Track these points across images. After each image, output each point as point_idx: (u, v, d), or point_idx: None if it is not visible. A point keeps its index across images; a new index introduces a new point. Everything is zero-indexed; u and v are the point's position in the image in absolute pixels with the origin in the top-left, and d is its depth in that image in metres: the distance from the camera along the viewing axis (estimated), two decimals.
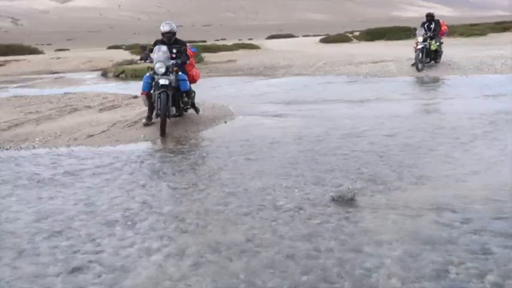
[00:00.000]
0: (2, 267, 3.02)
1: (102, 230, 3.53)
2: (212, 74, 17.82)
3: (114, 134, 6.91)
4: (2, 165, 5.41)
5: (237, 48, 34.35)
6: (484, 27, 35.93)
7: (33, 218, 3.81)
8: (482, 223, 3.36)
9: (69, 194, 4.38)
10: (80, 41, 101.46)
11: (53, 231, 3.55)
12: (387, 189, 4.15)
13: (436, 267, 2.79)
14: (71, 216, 3.82)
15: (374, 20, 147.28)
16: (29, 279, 2.86)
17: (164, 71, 6.69)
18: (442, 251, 2.98)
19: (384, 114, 7.61)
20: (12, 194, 4.45)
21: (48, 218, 3.79)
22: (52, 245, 3.31)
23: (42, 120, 8.04)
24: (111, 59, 25.63)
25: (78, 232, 3.52)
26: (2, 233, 3.54)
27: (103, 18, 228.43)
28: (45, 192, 4.47)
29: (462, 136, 5.92)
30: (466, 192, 4.00)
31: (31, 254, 3.19)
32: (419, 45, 13.14)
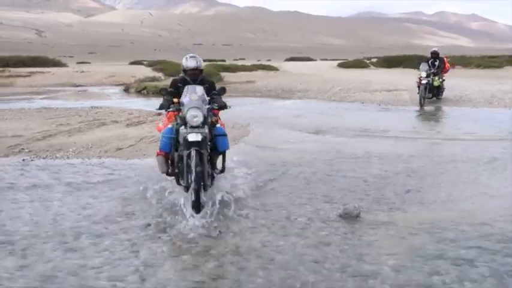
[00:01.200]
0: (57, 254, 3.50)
1: (134, 231, 3.99)
2: (231, 94, 18.42)
3: (141, 148, 7.44)
4: (42, 173, 5.94)
5: (256, 68, 35.11)
6: (502, 60, 36.15)
7: (75, 219, 4.30)
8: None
9: (105, 200, 4.87)
10: (101, 55, 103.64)
11: (95, 229, 4.02)
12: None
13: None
14: (108, 216, 4.29)
15: (392, 47, 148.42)
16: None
17: (202, 122, 4.54)
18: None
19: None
20: (54, 198, 4.95)
21: (89, 218, 4.28)
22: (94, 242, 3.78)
23: (73, 132, 8.63)
24: (133, 75, 26.50)
25: (117, 233, 3.99)
26: (52, 230, 4.03)
27: (125, 34, 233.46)
28: (83, 197, 4.97)
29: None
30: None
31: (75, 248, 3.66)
32: (423, 81, 13.17)
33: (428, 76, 13.33)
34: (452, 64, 14.84)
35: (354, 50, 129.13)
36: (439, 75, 13.87)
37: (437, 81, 13.78)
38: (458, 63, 35.08)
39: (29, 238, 3.88)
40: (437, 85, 13.85)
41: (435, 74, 13.67)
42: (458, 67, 33.68)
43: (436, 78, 13.68)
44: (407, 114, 12.06)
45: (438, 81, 13.81)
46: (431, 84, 13.48)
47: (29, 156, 6.86)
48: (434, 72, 13.64)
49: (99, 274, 3.29)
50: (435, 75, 13.67)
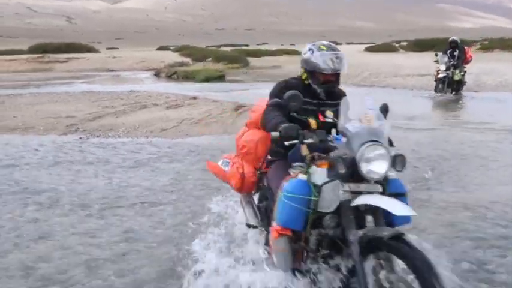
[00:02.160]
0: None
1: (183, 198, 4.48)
2: (259, 79, 18.83)
3: (183, 129, 7.96)
4: (100, 150, 6.52)
5: (281, 53, 35.35)
6: None
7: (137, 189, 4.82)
8: None
9: (160, 173, 5.38)
10: (128, 41, 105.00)
11: (151, 196, 4.53)
12: None
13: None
14: (163, 188, 4.80)
15: (424, 29, 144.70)
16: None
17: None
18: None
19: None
20: (114, 171, 5.50)
21: (150, 189, 4.80)
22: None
23: (119, 114, 9.23)
24: (162, 60, 27.22)
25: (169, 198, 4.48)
26: (119, 198, 4.56)
27: (150, 20, 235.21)
28: (140, 171, 5.49)
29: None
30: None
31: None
32: (441, 74, 12.00)
33: (448, 69, 12.02)
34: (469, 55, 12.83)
35: (382, 34, 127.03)
36: (460, 68, 12.25)
37: (458, 74, 12.13)
38: (496, 46, 34.27)
39: (103, 204, 4.42)
40: (458, 79, 12.21)
41: (455, 67, 12.11)
42: (497, 50, 32.92)
43: (456, 72, 12.08)
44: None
45: (459, 74, 12.16)
46: (451, 78, 12.07)
47: (85, 135, 7.48)
48: (455, 65, 12.10)
49: (169, 230, 3.78)
50: (455, 68, 12.11)
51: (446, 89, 12.09)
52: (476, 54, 31.00)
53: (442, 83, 12.01)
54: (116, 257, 3.33)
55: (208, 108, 9.63)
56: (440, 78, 12.00)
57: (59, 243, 3.59)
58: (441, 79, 11.98)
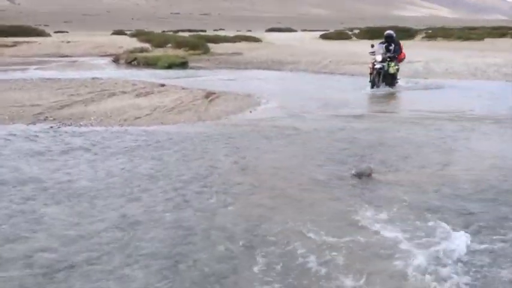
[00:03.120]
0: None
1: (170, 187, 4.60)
2: (222, 66, 18.85)
3: (157, 117, 7.96)
4: (76, 139, 6.44)
5: (239, 40, 35.18)
6: (482, 32, 37.01)
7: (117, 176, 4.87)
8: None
9: (144, 161, 5.43)
10: (78, 24, 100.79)
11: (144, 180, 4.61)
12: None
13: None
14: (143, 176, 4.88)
15: (373, 17, 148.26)
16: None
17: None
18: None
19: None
20: (96, 160, 5.49)
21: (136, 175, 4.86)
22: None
23: (88, 102, 9.04)
24: (120, 46, 26.48)
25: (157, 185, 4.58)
26: (108, 184, 4.59)
27: (100, 2, 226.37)
28: (119, 160, 5.51)
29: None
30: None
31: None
32: (377, 65, 11.50)
33: (384, 61, 11.54)
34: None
35: (334, 21, 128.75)
36: (395, 62, 11.84)
37: (394, 67, 11.76)
38: (439, 35, 36.03)
39: (93, 191, 4.45)
40: (393, 72, 11.86)
41: (391, 59, 11.71)
42: (439, 39, 34.63)
43: (392, 64, 11.68)
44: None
45: (394, 67, 11.78)
46: (386, 70, 11.66)
47: (55, 124, 7.31)
48: (391, 57, 11.69)
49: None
50: (391, 61, 11.71)
51: (381, 82, 11.68)
52: (422, 42, 32.79)
53: (378, 75, 11.53)
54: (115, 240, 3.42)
55: (179, 96, 9.63)
56: (377, 70, 11.50)
57: (55, 232, 3.63)
58: (377, 71, 11.49)
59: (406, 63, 16.53)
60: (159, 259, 3.23)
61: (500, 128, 7.36)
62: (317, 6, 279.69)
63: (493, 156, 5.76)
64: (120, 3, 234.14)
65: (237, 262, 3.21)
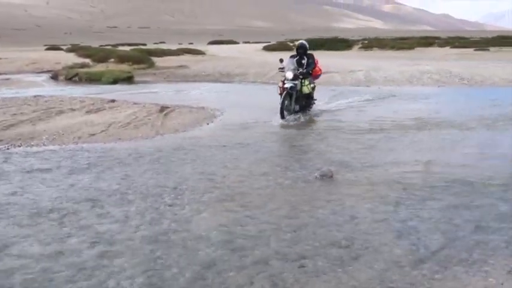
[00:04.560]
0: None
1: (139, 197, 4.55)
2: (170, 80, 18.66)
3: (113, 133, 7.78)
4: (31, 159, 6.16)
5: (182, 53, 35.03)
6: (412, 42, 39.46)
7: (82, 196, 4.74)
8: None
9: (103, 179, 5.30)
10: (6, 39, 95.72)
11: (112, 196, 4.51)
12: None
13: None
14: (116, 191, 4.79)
15: (313, 29, 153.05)
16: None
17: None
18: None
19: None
20: (56, 179, 5.28)
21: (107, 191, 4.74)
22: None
23: (35, 121, 8.65)
24: (57, 61, 25.50)
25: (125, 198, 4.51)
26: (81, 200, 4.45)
27: (29, 16, 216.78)
28: (81, 177, 5.35)
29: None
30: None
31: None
32: (287, 84, 9.07)
33: (296, 78, 9.20)
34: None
35: (276, 32, 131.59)
36: (310, 79, 9.65)
37: (308, 86, 9.49)
38: (375, 45, 37.97)
39: (60, 211, 4.31)
40: (308, 92, 9.58)
41: (305, 76, 9.44)
42: (375, 48, 36.49)
43: (306, 82, 9.42)
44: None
45: (309, 86, 9.52)
46: (299, 90, 9.31)
47: (3, 146, 6.94)
48: (304, 73, 9.39)
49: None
50: (305, 78, 9.44)
51: (294, 105, 9.32)
52: (360, 52, 34.47)
53: (288, 97, 9.09)
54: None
55: (133, 111, 9.46)
56: (287, 90, 9.04)
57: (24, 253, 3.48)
58: (288, 91, 9.03)
59: (348, 73, 17.45)
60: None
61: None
62: (258, 19, 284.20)
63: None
64: (51, 17, 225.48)
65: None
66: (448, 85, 15.02)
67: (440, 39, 44.90)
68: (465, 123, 8.60)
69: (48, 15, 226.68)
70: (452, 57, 25.18)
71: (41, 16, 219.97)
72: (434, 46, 38.04)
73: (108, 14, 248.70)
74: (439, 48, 35.92)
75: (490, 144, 7.09)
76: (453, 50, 32.88)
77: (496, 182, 5.10)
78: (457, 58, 24.54)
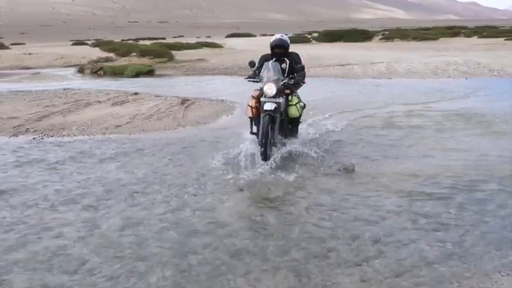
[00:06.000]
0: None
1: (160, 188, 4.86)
2: (189, 73, 19.02)
3: (137, 125, 8.13)
4: (61, 148, 6.55)
5: (200, 46, 35.44)
6: (436, 32, 38.81)
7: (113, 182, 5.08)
8: None
9: (131, 168, 5.64)
10: (34, 35, 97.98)
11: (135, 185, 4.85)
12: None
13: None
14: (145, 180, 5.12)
15: (330, 20, 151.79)
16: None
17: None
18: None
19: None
20: (88, 167, 5.65)
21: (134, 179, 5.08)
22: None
23: (65, 112, 9.11)
24: (83, 56, 26.20)
25: (153, 187, 4.83)
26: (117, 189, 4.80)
27: (56, 13, 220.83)
28: (110, 166, 5.70)
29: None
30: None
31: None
32: (267, 104, 5.63)
33: (279, 94, 5.72)
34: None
35: (292, 25, 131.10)
36: (298, 95, 6.16)
37: (297, 106, 6.00)
38: (396, 36, 37.50)
39: (93, 198, 4.66)
40: (297, 116, 6.09)
41: (290, 89, 5.96)
42: (396, 39, 36.04)
43: (294, 100, 5.99)
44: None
45: (298, 106, 6.02)
46: (284, 112, 5.91)
47: (38, 135, 7.38)
48: (291, 85, 5.87)
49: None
50: (291, 93, 6.00)
51: (276, 135, 5.83)
52: (380, 44, 34.10)
53: (269, 126, 5.51)
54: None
55: (155, 104, 9.83)
56: (268, 114, 5.57)
57: (67, 236, 3.84)
58: (269, 114, 5.57)
59: (369, 65, 17.45)
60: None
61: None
62: (275, 11, 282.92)
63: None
64: (76, 14, 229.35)
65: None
66: (476, 77, 14.37)
67: (467, 29, 44.00)
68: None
69: (73, 12, 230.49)
70: (480, 48, 24.48)
71: (66, 13, 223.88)
72: (461, 36, 37.36)
73: (129, 9, 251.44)
74: (466, 38, 35.26)
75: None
76: (481, 40, 32.15)
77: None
78: (485, 48, 23.75)
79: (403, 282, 3.14)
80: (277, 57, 6.12)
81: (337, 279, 3.17)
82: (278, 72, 5.80)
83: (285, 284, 3.13)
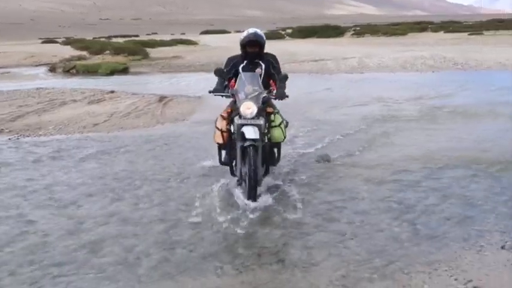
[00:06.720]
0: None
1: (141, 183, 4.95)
2: (165, 70, 18.96)
3: (115, 123, 8.15)
4: (40, 148, 6.52)
5: (175, 43, 35.26)
6: (405, 28, 39.68)
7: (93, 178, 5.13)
8: None
9: (112, 165, 5.69)
10: (2, 33, 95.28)
11: (117, 181, 4.91)
12: None
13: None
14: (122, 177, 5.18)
15: (304, 17, 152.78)
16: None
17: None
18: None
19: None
20: (69, 166, 5.67)
21: (108, 177, 5.14)
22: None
23: (40, 112, 9.03)
24: (54, 55, 25.73)
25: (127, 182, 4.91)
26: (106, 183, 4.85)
27: (23, 10, 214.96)
28: (91, 164, 5.73)
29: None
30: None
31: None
32: (249, 133, 4.23)
33: (260, 114, 4.33)
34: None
35: (267, 21, 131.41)
36: (279, 113, 4.70)
37: (282, 126, 4.59)
38: (367, 32, 38.20)
39: (76, 196, 4.70)
40: (281, 140, 4.60)
41: (268, 105, 4.62)
42: (367, 35, 36.71)
43: (277, 120, 4.57)
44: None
45: (281, 128, 4.57)
46: (267, 137, 4.52)
47: (13, 136, 7.31)
48: (264, 100, 4.45)
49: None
50: (273, 110, 4.66)
51: (259, 169, 4.39)
52: (352, 39, 34.68)
53: (253, 161, 4.15)
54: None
55: (132, 101, 9.83)
56: (251, 143, 4.25)
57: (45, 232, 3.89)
58: (252, 144, 4.23)
59: (341, 60, 17.79)
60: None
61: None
62: (248, 8, 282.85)
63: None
64: (45, 11, 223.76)
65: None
66: (442, 70, 15.04)
67: (433, 24, 45.16)
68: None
69: (40, 9, 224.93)
70: (446, 42, 25.34)
71: (34, 10, 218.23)
72: (428, 31, 38.33)
73: (100, 6, 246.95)
74: (433, 33, 36.21)
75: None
76: (447, 34, 33.13)
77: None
78: (451, 43, 24.64)
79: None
80: (250, 60, 4.72)
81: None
82: (258, 84, 4.41)
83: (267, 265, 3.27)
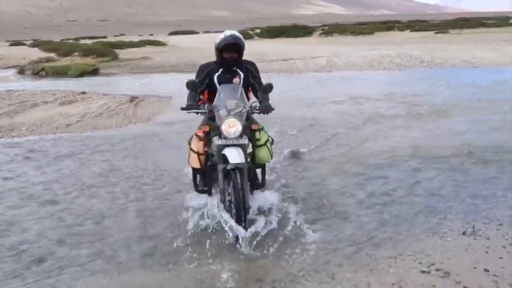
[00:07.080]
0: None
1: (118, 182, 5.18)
2: (134, 71, 18.97)
3: (88, 123, 8.28)
4: (14, 149, 6.62)
5: (144, 44, 35.09)
6: (372, 27, 40.65)
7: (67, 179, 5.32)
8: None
9: (88, 165, 5.88)
10: None
11: (88, 181, 5.12)
12: None
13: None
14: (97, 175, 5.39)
15: (272, 17, 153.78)
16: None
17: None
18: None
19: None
20: (44, 166, 5.82)
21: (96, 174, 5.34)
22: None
23: (12, 114, 9.05)
24: (23, 57, 25.31)
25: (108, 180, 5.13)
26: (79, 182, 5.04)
27: None
28: (66, 163, 5.90)
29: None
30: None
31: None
32: (233, 157, 3.62)
33: (245, 133, 3.84)
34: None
35: (235, 22, 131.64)
36: (262, 126, 4.16)
37: (268, 145, 4.09)
38: (335, 31, 38.97)
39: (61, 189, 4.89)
40: (268, 160, 4.13)
41: (251, 121, 4.08)
42: (335, 34, 37.44)
43: (263, 138, 4.06)
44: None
45: (268, 146, 4.09)
46: (251, 158, 4.08)
47: None
48: (247, 116, 3.95)
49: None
50: (258, 128, 4.08)
51: (244, 196, 3.63)
52: (320, 39, 35.34)
53: (240, 187, 3.55)
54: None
55: (104, 102, 9.95)
56: (238, 168, 3.61)
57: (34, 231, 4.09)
58: (237, 169, 3.60)
59: (310, 59, 18.26)
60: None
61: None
62: (216, 8, 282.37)
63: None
64: (10, 12, 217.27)
65: None
66: (409, 68, 15.38)
67: (400, 23, 46.37)
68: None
69: (6, 11, 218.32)
70: (412, 41, 25.93)
71: (0, 12, 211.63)
72: (395, 30, 39.35)
73: (66, 7, 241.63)
74: (399, 32, 37.19)
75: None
76: (413, 33, 34.05)
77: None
78: (417, 42, 25.23)
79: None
80: (226, 68, 4.07)
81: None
82: (240, 98, 3.86)
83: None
